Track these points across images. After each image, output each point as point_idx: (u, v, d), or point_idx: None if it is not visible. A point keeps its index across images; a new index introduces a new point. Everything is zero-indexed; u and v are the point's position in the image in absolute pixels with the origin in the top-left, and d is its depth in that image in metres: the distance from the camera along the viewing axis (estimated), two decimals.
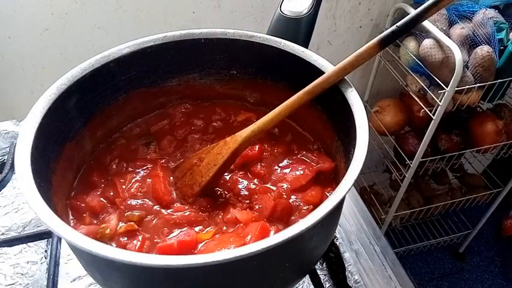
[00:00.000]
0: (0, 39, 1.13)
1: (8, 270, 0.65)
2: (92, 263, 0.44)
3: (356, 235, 0.73)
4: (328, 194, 0.54)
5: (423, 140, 1.33)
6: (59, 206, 0.50)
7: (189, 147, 0.62)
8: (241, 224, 0.51)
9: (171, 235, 0.50)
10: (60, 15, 1.13)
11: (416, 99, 1.33)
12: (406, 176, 1.45)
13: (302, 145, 0.63)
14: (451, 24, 1.27)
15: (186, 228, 0.51)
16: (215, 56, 0.63)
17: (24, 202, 0.73)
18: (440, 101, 1.21)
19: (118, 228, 0.51)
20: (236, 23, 1.29)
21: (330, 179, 0.57)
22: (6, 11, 1.08)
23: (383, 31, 0.52)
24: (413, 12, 0.50)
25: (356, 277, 0.66)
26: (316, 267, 0.66)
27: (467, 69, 1.22)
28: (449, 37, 1.20)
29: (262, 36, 0.60)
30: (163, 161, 0.60)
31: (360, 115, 0.49)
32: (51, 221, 0.38)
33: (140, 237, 0.50)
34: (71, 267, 0.65)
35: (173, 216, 0.52)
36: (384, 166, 1.78)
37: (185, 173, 0.57)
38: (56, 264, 0.64)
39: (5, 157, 0.79)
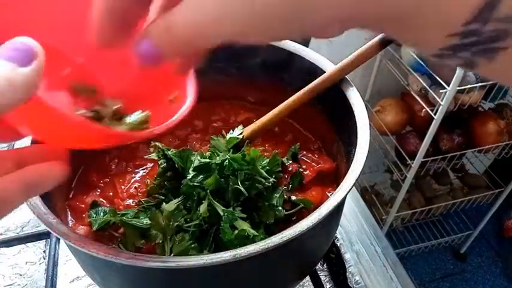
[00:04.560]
0: None
1: (7, 271, 0.64)
2: (91, 263, 0.44)
3: (357, 236, 0.73)
4: (329, 194, 0.54)
5: (424, 140, 1.32)
6: (58, 206, 0.49)
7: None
8: None
9: None
10: None
11: (418, 98, 1.33)
12: (408, 176, 1.45)
13: (303, 145, 0.62)
14: None
15: None
16: (215, 56, 0.63)
17: None
18: (441, 101, 1.21)
19: None
20: None
21: (331, 179, 0.57)
22: None
23: None
24: None
25: (357, 278, 0.65)
26: (317, 268, 0.66)
27: None
28: None
29: None
30: None
31: (361, 115, 0.49)
32: (50, 221, 0.38)
33: None
34: (69, 268, 0.64)
35: None
36: (385, 166, 1.78)
37: None
38: (55, 264, 0.64)
39: None
